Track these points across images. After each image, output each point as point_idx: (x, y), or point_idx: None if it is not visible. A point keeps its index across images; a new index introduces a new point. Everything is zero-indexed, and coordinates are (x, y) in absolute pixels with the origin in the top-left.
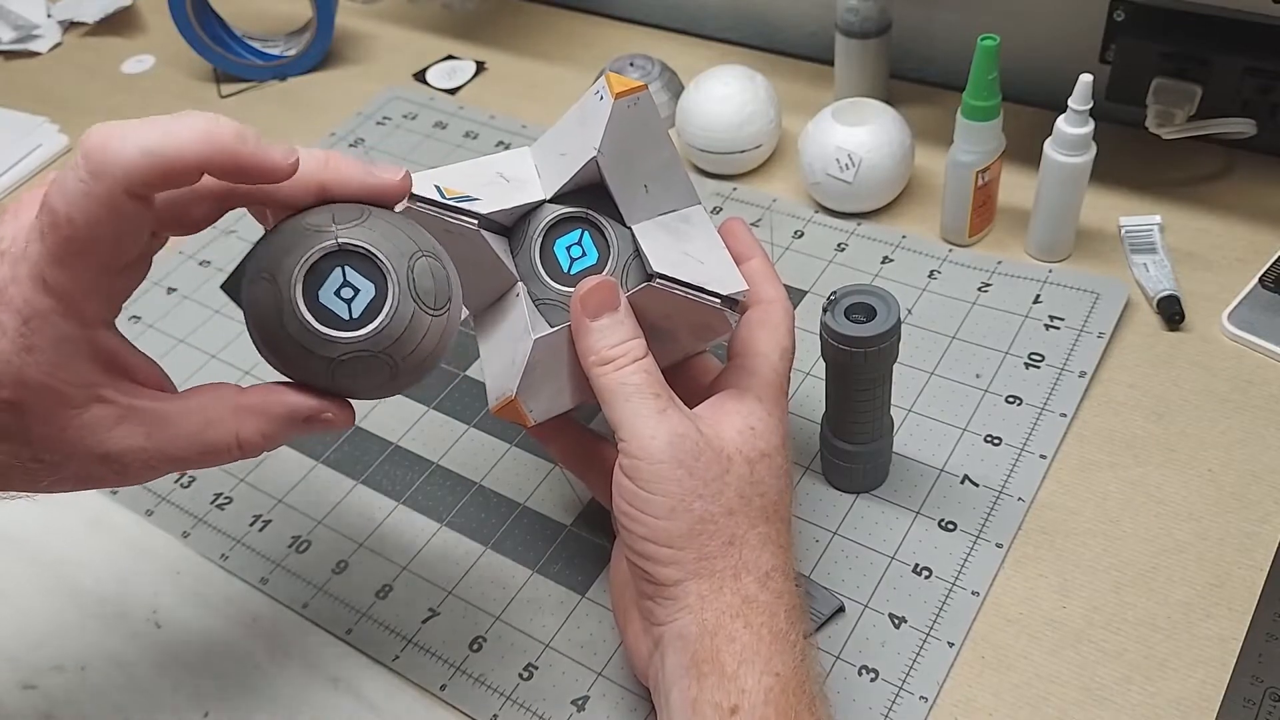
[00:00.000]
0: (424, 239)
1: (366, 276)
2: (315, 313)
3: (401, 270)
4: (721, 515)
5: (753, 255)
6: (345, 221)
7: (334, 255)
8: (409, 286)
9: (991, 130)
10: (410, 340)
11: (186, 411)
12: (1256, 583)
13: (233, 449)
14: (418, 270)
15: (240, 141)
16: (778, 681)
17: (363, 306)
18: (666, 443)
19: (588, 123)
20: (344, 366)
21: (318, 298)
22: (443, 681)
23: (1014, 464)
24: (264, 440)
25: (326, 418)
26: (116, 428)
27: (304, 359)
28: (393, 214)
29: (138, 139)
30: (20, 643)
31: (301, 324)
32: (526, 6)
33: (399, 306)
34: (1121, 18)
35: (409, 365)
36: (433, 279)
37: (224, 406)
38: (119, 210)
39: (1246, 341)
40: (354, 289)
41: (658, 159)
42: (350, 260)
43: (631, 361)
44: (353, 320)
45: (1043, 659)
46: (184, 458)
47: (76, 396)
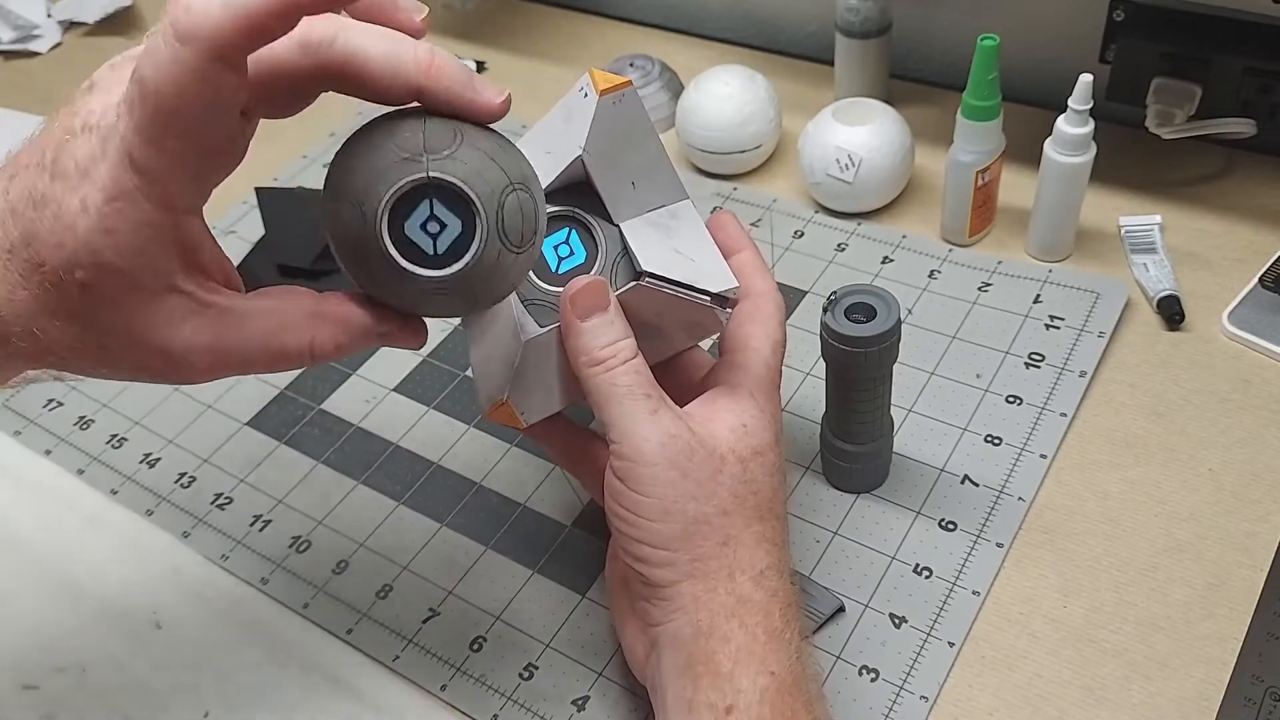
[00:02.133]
0: (516, 167)
1: (454, 211)
2: (399, 245)
3: (492, 208)
4: (715, 515)
5: (742, 248)
6: (437, 150)
7: (423, 188)
8: (497, 226)
9: (991, 130)
10: (494, 278)
11: (260, 313)
12: (1256, 583)
13: (304, 355)
14: (508, 208)
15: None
16: (773, 681)
17: (449, 243)
18: (659, 444)
19: (573, 120)
20: (425, 299)
21: (403, 229)
22: (443, 681)
23: (1014, 464)
24: (336, 350)
25: (398, 338)
26: (186, 323)
27: (385, 288)
28: (489, 135)
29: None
30: (20, 643)
31: (387, 258)
32: (526, 6)
33: (485, 246)
34: (1121, 18)
35: (489, 298)
36: (521, 216)
37: (300, 311)
38: (209, 79)
39: (1246, 341)
40: (441, 224)
41: (644, 155)
42: (439, 194)
43: (622, 362)
44: (437, 256)
45: (1043, 659)
46: (252, 360)
47: (151, 285)
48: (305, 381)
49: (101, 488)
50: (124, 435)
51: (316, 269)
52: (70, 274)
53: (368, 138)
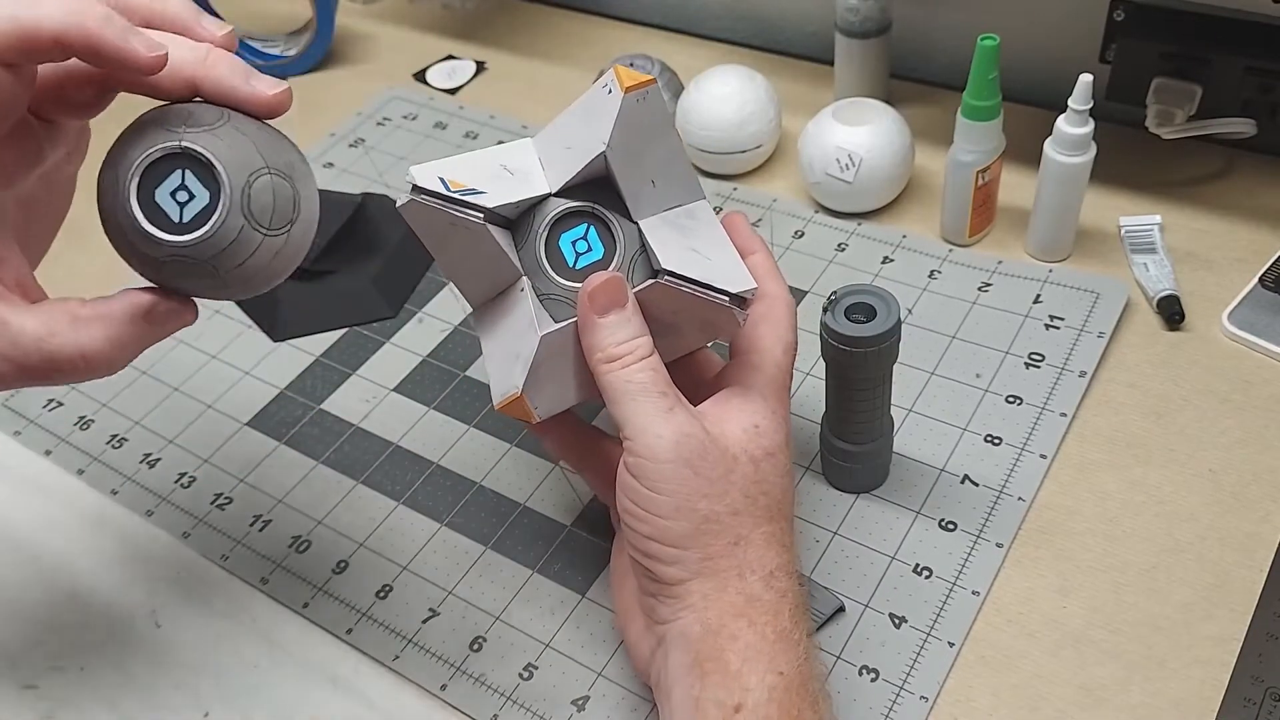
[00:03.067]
0: (279, 156)
1: (205, 184)
2: (147, 210)
3: (238, 183)
4: (727, 515)
5: (754, 250)
6: (198, 124)
7: (176, 157)
8: (242, 201)
9: (991, 130)
10: (236, 254)
11: (30, 319)
12: (1256, 583)
13: (77, 362)
14: (256, 186)
15: (105, 24)
16: (781, 680)
17: (194, 212)
18: (673, 442)
19: (595, 116)
20: (169, 267)
21: (154, 196)
22: (443, 681)
23: (1014, 464)
24: (112, 347)
25: (165, 310)
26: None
27: (134, 253)
28: (256, 125)
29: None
30: (20, 643)
31: (130, 219)
32: (526, 6)
33: (227, 219)
34: (1121, 18)
35: (235, 276)
36: (273, 197)
37: (64, 316)
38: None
39: (1246, 341)
40: (189, 194)
41: (665, 153)
42: (192, 165)
43: (638, 360)
44: (181, 224)
45: (1043, 659)
46: (32, 368)
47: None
48: (305, 381)
49: (101, 488)
50: (124, 435)
51: (316, 269)
52: None
53: (142, 119)
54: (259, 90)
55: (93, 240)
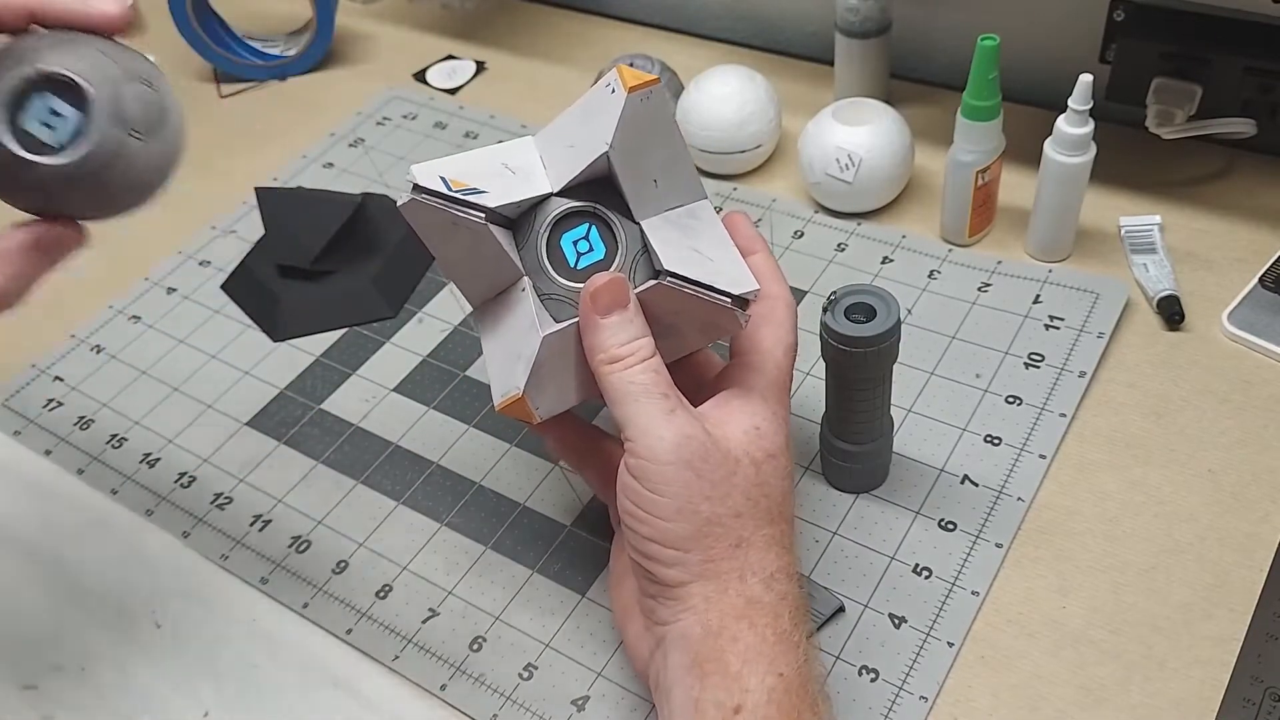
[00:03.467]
0: (138, 66)
1: (72, 104)
2: (20, 139)
3: (106, 96)
4: (728, 517)
5: (756, 250)
6: (52, 48)
7: (36, 83)
8: (114, 112)
9: (991, 130)
10: (121, 166)
11: None
12: (1256, 583)
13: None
14: (125, 96)
15: None
16: (781, 681)
17: (68, 133)
18: (674, 444)
19: (598, 116)
20: (55, 192)
21: (22, 125)
22: (443, 681)
23: (1014, 464)
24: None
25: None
26: None
27: (14, 185)
28: (107, 43)
29: None
30: (20, 643)
31: (5, 152)
32: (526, 6)
33: (103, 132)
34: (1121, 18)
35: (122, 189)
36: (143, 105)
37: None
38: None
39: (1246, 341)
40: (58, 115)
41: (667, 153)
42: (55, 88)
43: (640, 361)
44: (57, 147)
45: (1042, 659)
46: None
47: None
48: (305, 381)
49: (101, 488)
50: (124, 435)
51: (316, 269)
52: None
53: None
54: (101, 8)
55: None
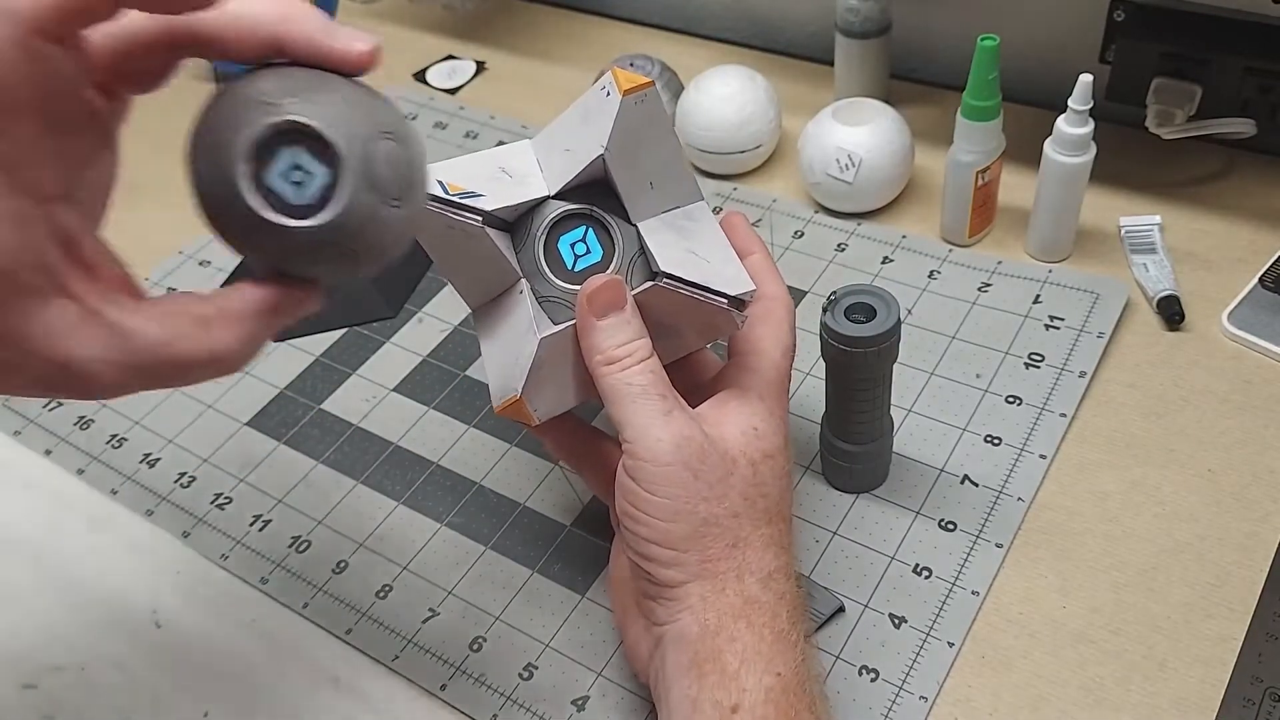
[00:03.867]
0: (388, 116)
1: (321, 160)
2: (264, 196)
3: (355, 154)
4: (726, 518)
5: (753, 250)
6: (299, 94)
7: (285, 134)
8: (364, 174)
9: (991, 130)
10: (371, 232)
11: (150, 322)
12: (1256, 583)
13: (205, 362)
14: (376, 156)
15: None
16: (779, 681)
17: (315, 192)
18: (672, 445)
19: (594, 119)
20: (296, 254)
21: (265, 180)
22: (443, 681)
23: (1014, 464)
24: (240, 346)
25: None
26: (78, 331)
27: (252, 244)
28: (355, 87)
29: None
30: (20, 643)
31: (247, 209)
32: (526, 6)
33: (353, 196)
34: (1121, 18)
35: (369, 254)
36: (393, 166)
37: (188, 319)
38: (38, 55)
39: (1246, 341)
40: (306, 173)
41: (663, 155)
42: (303, 141)
43: (637, 362)
44: (304, 207)
45: (1042, 659)
46: (155, 373)
47: (35, 283)
48: (305, 381)
49: (101, 488)
50: (124, 435)
51: None
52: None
53: (231, 88)
54: (350, 45)
55: None
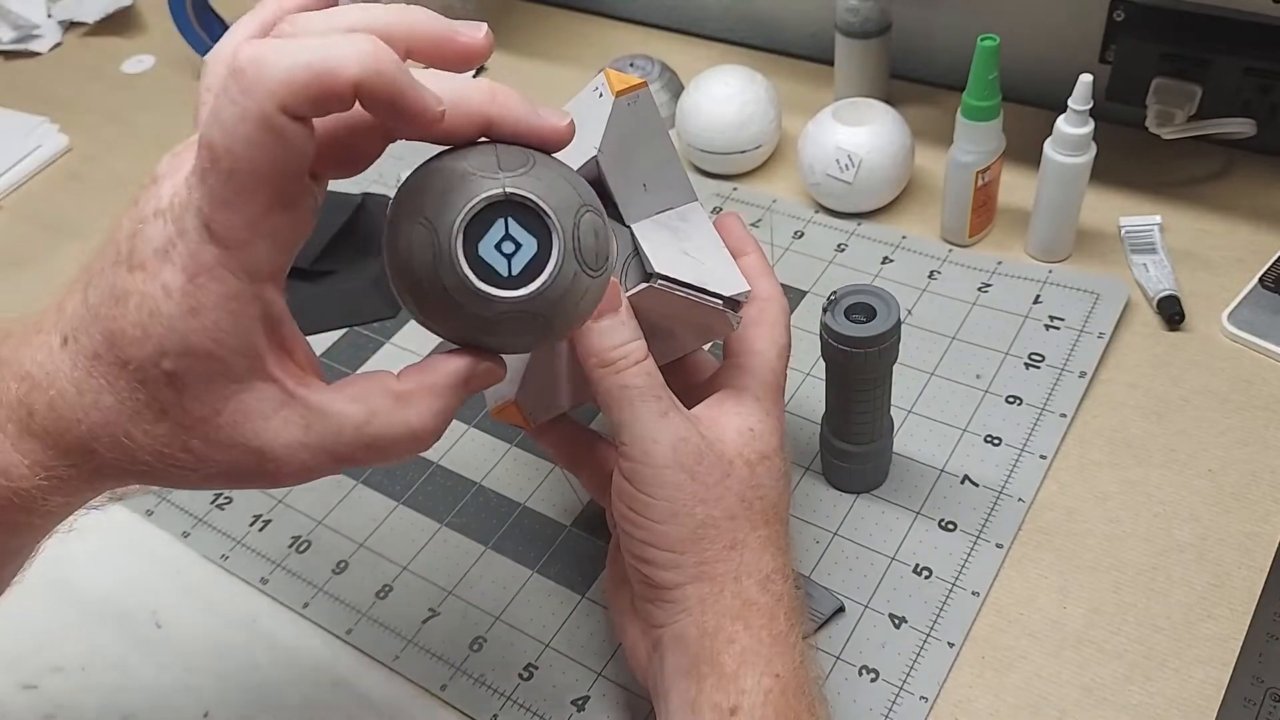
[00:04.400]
0: (588, 192)
1: (530, 231)
2: (474, 266)
3: (567, 227)
4: (723, 519)
5: (748, 250)
6: (511, 169)
7: (499, 205)
8: (573, 245)
9: (991, 130)
10: (569, 301)
11: (346, 403)
12: (1256, 583)
13: (404, 440)
14: (582, 227)
15: (399, 71)
16: (777, 683)
17: (524, 263)
18: (669, 447)
19: (586, 120)
20: (499, 325)
21: (477, 249)
22: (443, 681)
23: (1014, 464)
24: (435, 420)
25: (484, 371)
26: (276, 415)
27: (457, 315)
28: (557, 162)
29: (295, 54)
30: (20, 643)
31: (460, 278)
32: (526, 6)
33: (562, 266)
34: (1121, 18)
35: (563, 324)
36: (595, 237)
37: (385, 395)
38: (277, 131)
39: (1246, 341)
40: (516, 243)
41: (657, 156)
42: (515, 212)
43: (633, 364)
44: (512, 277)
45: (1043, 659)
46: (347, 455)
47: (239, 368)
48: None
49: None
50: None
51: (316, 269)
52: (157, 365)
53: (438, 163)
54: (551, 122)
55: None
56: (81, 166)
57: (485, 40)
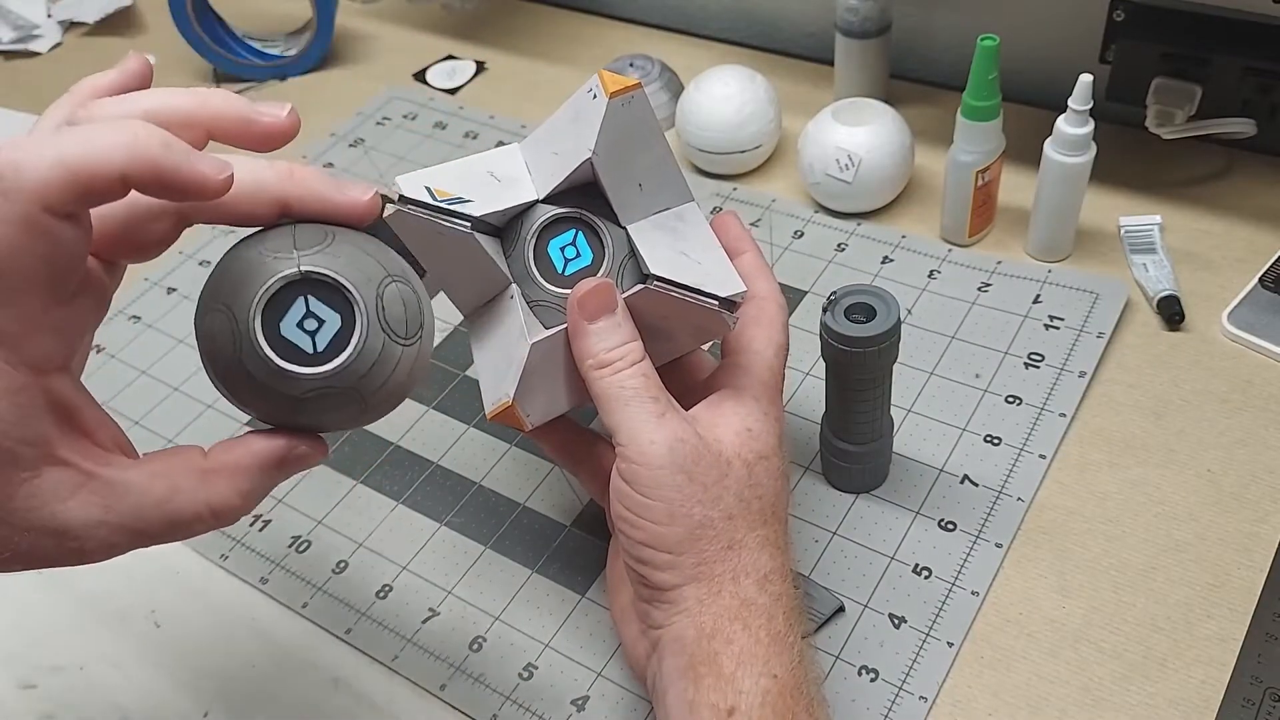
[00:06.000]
0: (393, 262)
1: (332, 306)
2: (276, 347)
3: (370, 298)
4: (721, 520)
5: (745, 250)
6: (308, 246)
7: (296, 284)
8: (378, 316)
9: (991, 130)
10: (380, 373)
11: (147, 480)
12: (1256, 583)
13: (205, 517)
14: (387, 297)
15: (166, 151)
16: (775, 683)
17: (328, 339)
18: (666, 448)
19: (581, 122)
20: (309, 403)
21: (279, 330)
22: (443, 681)
23: (1014, 464)
24: (241, 500)
25: (299, 454)
26: (73, 497)
27: (265, 396)
28: (359, 235)
29: (52, 151)
30: (20, 642)
31: (262, 360)
32: (526, 6)
33: (368, 338)
34: (1121, 18)
35: (379, 398)
36: (403, 306)
37: (188, 472)
38: (43, 232)
39: (1246, 341)
40: (318, 320)
41: (652, 157)
42: (314, 289)
43: (629, 365)
44: (317, 354)
45: (1042, 659)
46: (149, 531)
47: (28, 456)
48: None
49: None
50: None
51: None
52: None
53: (237, 250)
54: (353, 197)
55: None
56: None
57: (289, 119)
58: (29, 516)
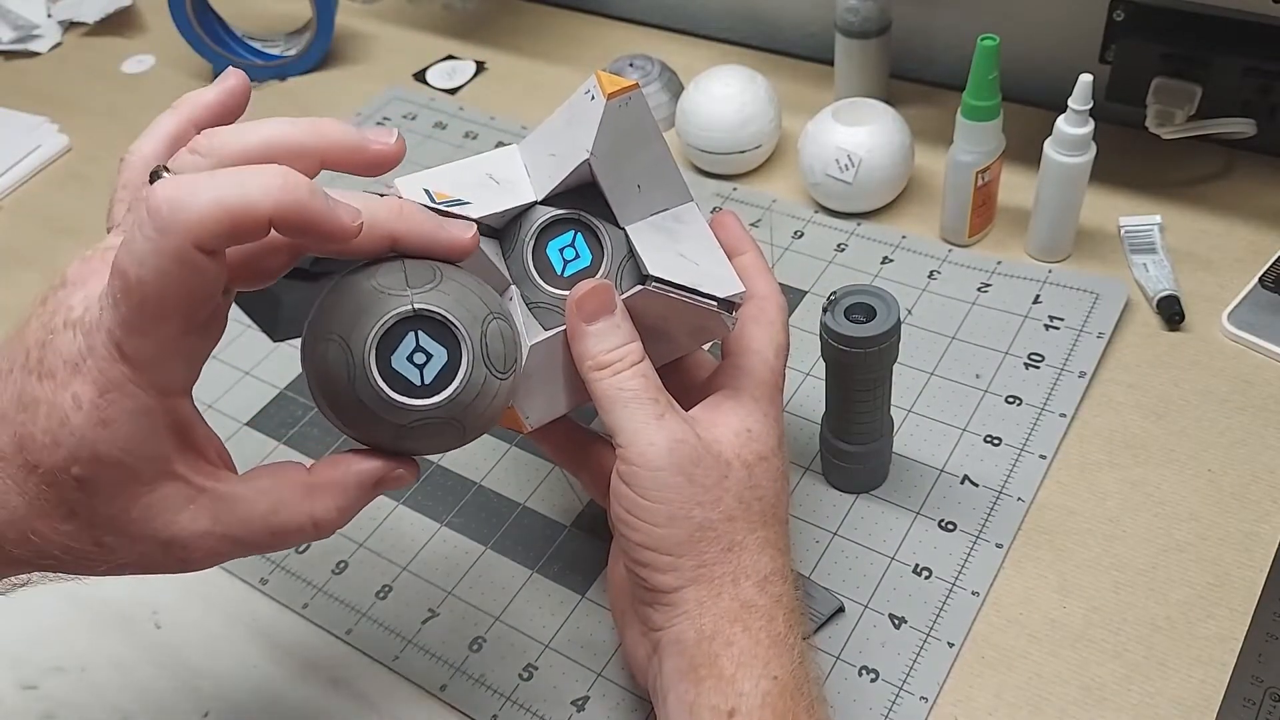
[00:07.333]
0: (493, 299)
1: (439, 341)
2: (387, 378)
3: (475, 335)
4: (721, 521)
5: (745, 249)
6: (419, 285)
7: (408, 320)
8: (482, 352)
9: (991, 130)
10: (480, 405)
11: (254, 494)
12: (1256, 583)
13: (306, 530)
14: (490, 334)
15: (311, 199)
16: (776, 685)
17: (435, 372)
18: (666, 450)
19: (579, 123)
20: (414, 432)
21: (390, 363)
22: (443, 681)
23: (1014, 464)
24: (339, 515)
25: (396, 476)
26: (184, 510)
27: (373, 424)
28: (463, 273)
29: (208, 193)
30: (20, 643)
31: (375, 390)
32: (526, 6)
33: (472, 373)
34: (1121, 18)
35: (476, 427)
36: (503, 342)
37: (293, 488)
38: (191, 266)
39: (1246, 341)
40: (427, 354)
41: (650, 158)
42: (424, 325)
43: (629, 366)
44: (425, 386)
45: (1043, 659)
46: (254, 542)
47: (147, 472)
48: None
49: None
50: None
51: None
52: (66, 471)
53: (349, 282)
54: (455, 235)
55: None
56: (81, 166)
57: (396, 146)
58: (144, 527)
